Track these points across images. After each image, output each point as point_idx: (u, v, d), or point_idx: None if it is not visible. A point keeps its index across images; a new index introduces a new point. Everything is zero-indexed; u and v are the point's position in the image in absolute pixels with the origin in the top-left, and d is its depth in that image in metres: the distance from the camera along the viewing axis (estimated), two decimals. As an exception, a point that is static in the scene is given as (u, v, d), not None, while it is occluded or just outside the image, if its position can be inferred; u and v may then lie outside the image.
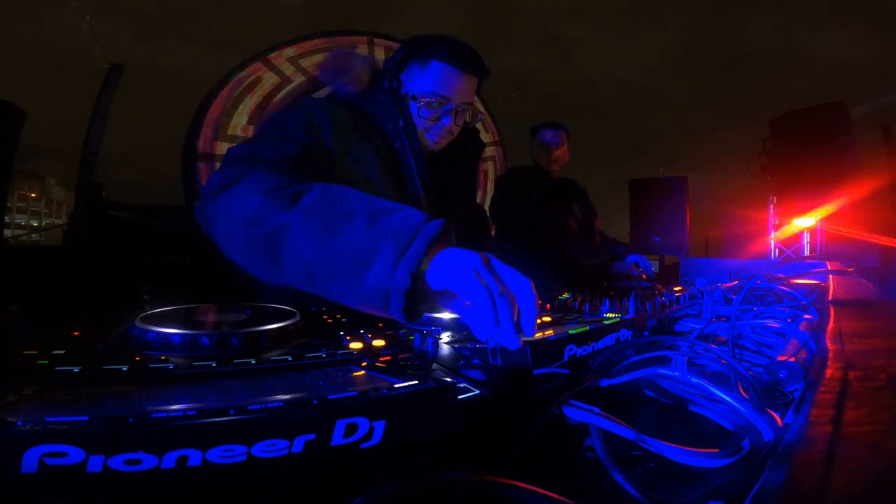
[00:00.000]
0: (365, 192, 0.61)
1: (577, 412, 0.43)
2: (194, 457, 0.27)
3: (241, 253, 0.65)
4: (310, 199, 0.60)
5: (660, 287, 1.25)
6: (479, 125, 1.21)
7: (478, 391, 0.43)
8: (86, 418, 0.27)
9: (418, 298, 0.51)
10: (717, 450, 0.38)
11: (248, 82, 2.69)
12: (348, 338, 0.53)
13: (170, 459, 0.27)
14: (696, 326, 0.79)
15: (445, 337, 0.60)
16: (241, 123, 2.65)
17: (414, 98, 0.96)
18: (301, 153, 0.81)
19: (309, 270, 0.56)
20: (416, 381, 0.38)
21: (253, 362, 0.42)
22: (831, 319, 0.76)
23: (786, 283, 1.23)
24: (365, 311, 0.54)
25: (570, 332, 0.59)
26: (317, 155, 0.85)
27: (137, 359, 0.41)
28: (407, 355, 0.47)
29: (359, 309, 0.54)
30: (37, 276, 2.39)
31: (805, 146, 3.88)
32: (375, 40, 3.04)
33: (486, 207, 2.03)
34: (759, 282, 1.08)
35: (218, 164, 2.56)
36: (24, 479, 0.25)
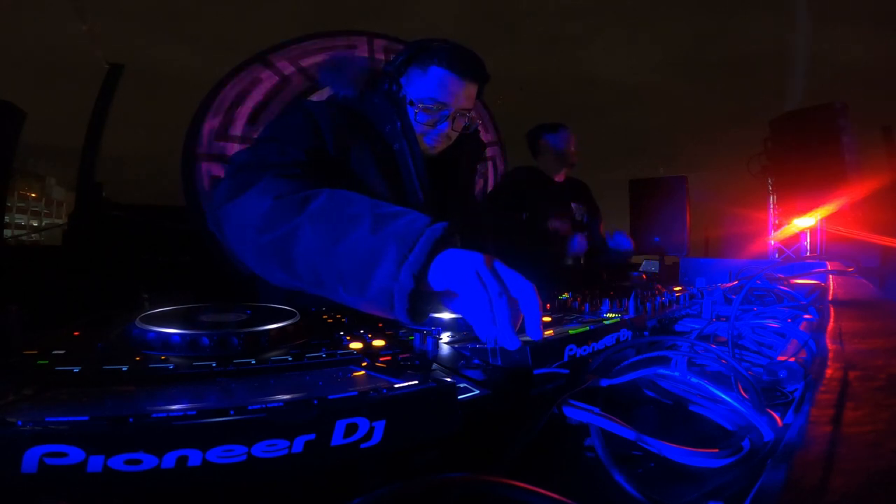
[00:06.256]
0: (369, 196, 0.62)
1: (577, 412, 0.43)
2: (194, 457, 0.27)
3: (253, 258, 0.67)
4: (317, 204, 0.62)
5: (660, 287, 1.25)
6: (478, 125, 1.21)
7: (478, 391, 0.43)
8: (86, 418, 0.27)
9: (422, 299, 0.52)
10: (717, 450, 0.38)
11: (248, 82, 2.68)
12: (348, 338, 0.53)
13: (170, 459, 0.27)
14: (696, 326, 0.79)
15: (445, 337, 0.60)
16: (241, 123, 2.64)
17: (411, 103, 0.96)
18: (305, 157, 0.82)
19: (318, 273, 0.57)
20: (416, 381, 0.38)
21: (253, 362, 0.42)
22: (831, 319, 0.76)
23: (786, 283, 1.22)
24: (372, 312, 0.55)
25: (570, 332, 0.59)
26: (320, 158, 0.86)
27: (137, 359, 0.41)
28: (407, 355, 0.47)
29: (366, 311, 0.55)
30: (37, 276, 2.38)
31: (805, 146, 3.87)
32: (375, 40, 3.04)
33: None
34: (759, 282, 1.08)
35: (218, 164, 2.57)
36: (24, 479, 0.25)
